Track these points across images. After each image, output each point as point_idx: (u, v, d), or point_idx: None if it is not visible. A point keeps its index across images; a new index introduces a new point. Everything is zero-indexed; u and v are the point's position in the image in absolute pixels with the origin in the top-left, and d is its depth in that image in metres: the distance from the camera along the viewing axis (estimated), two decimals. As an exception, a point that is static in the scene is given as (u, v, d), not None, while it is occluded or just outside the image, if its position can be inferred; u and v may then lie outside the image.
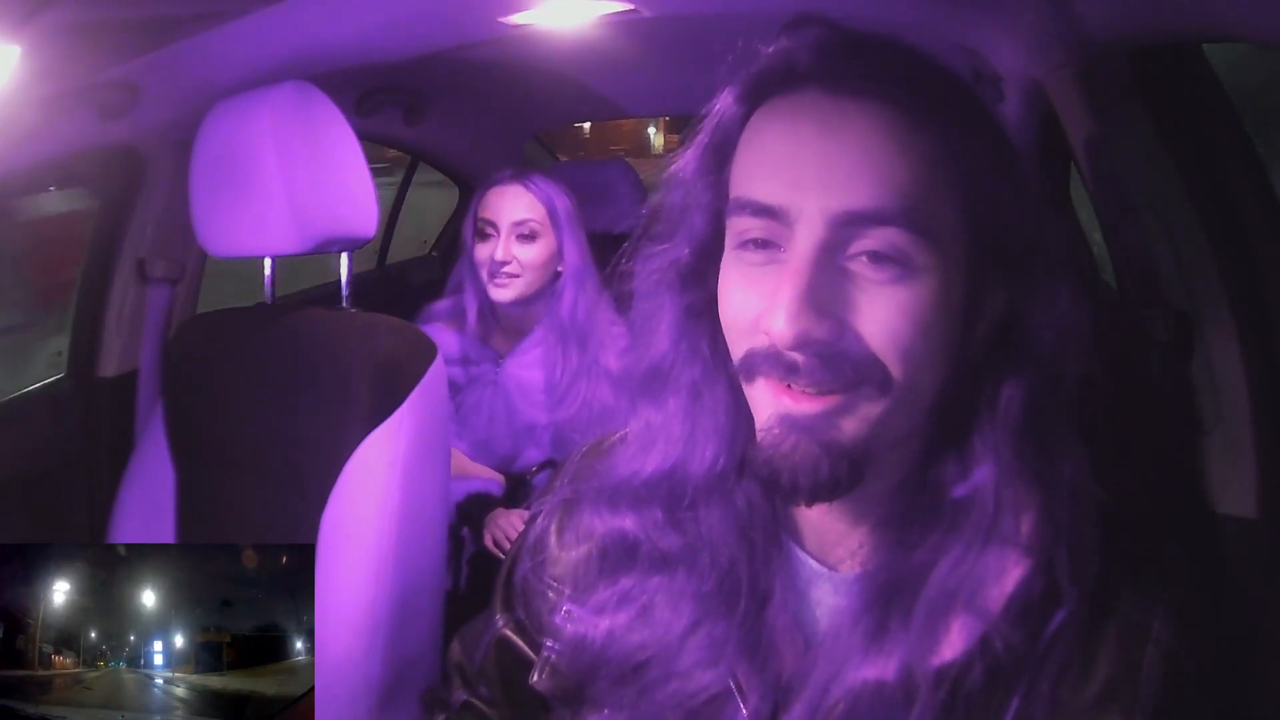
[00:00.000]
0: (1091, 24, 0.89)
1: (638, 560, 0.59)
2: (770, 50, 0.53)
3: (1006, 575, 0.50)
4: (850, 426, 0.49)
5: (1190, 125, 0.86)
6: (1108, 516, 0.51)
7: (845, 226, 0.48)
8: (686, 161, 0.57)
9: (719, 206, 0.55)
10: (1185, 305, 0.82)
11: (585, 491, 0.63)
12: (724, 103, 0.54)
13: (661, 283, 0.58)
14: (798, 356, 0.48)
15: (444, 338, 1.52)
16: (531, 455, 1.58)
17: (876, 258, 0.48)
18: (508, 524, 1.48)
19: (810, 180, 0.48)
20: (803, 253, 0.48)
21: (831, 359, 0.48)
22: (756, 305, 0.50)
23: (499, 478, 1.53)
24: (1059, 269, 0.52)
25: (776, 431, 0.50)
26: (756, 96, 0.53)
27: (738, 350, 0.52)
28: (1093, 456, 0.52)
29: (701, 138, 0.56)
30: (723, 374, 0.56)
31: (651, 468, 0.58)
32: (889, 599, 0.52)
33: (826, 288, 0.48)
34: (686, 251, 0.57)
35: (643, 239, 0.60)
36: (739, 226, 0.51)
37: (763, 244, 0.50)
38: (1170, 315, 0.83)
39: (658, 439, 0.59)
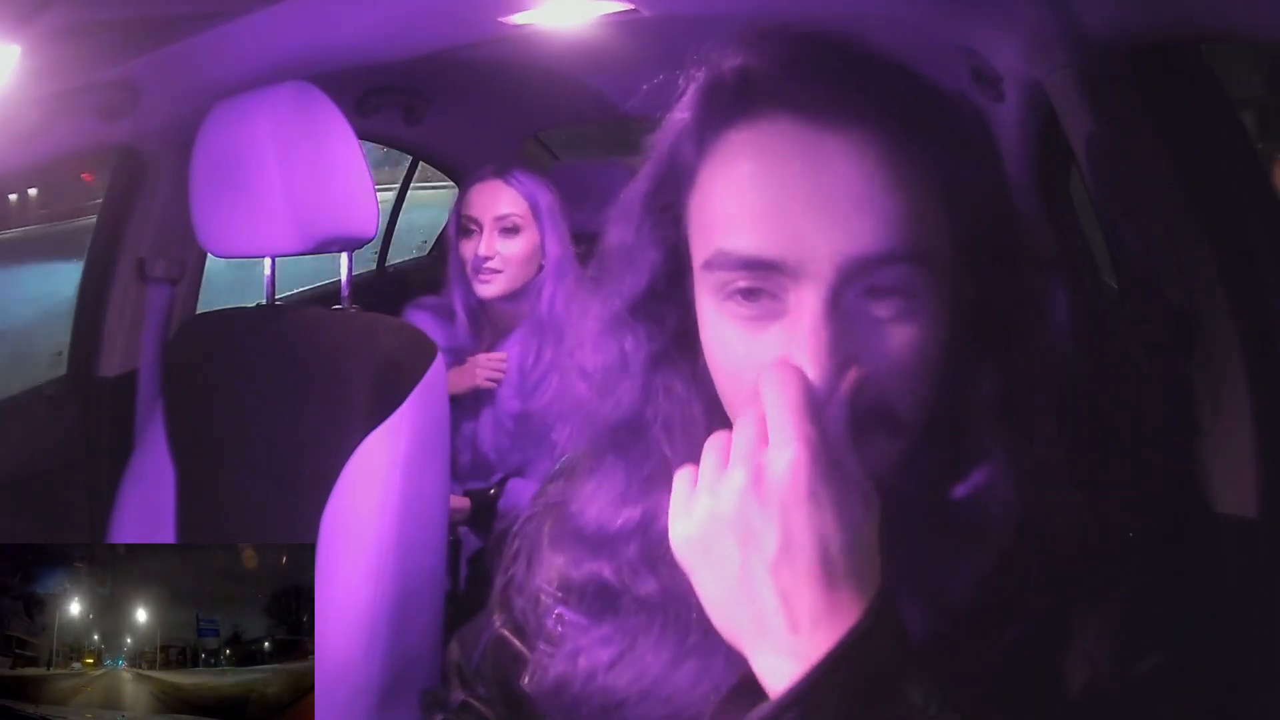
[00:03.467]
0: (1091, 24, 0.89)
1: (619, 607, 0.56)
2: (726, 67, 0.50)
3: (996, 576, 0.50)
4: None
5: (1190, 125, 0.86)
6: (1102, 516, 0.51)
7: (852, 271, 0.46)
8: (635, 196, 0.53)
9: (675, 243, 0.52)
10: (1185, 305, 0.82)
11: (559, 534, 0.61)
12: (676, 129, 0.51)
13: (620, 329, 0.55)
14: None
15: (430, 329, 1.51)
16: (503, 446, 1.58)
17: (880, 292, 0.47)
18: (489, 363, 1.53)
19: (809, 229, 0.46)
20: (814, 307, 0.46)
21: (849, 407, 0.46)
22: (759, 362, 0.47)
23: (465, 502, 1.52)
24: (1052, 269, 0.51)
25: None
26: (713, 123, 0.49)
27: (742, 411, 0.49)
28: (1090, 456, 0.52)
29: (650, 169, 0.52)
30: (699, 414, 0.54)
31: (620, 522, 0.56)
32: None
33: (839, 335, 0.46)
34: (643, 295, 0.53)
35: (591, 281, 0.57)
36: (722, 279, 0.48)
37: (753, 293, 0.47)
38: (1170, 315, 0.83)
39: (630, 493, 0.56)
